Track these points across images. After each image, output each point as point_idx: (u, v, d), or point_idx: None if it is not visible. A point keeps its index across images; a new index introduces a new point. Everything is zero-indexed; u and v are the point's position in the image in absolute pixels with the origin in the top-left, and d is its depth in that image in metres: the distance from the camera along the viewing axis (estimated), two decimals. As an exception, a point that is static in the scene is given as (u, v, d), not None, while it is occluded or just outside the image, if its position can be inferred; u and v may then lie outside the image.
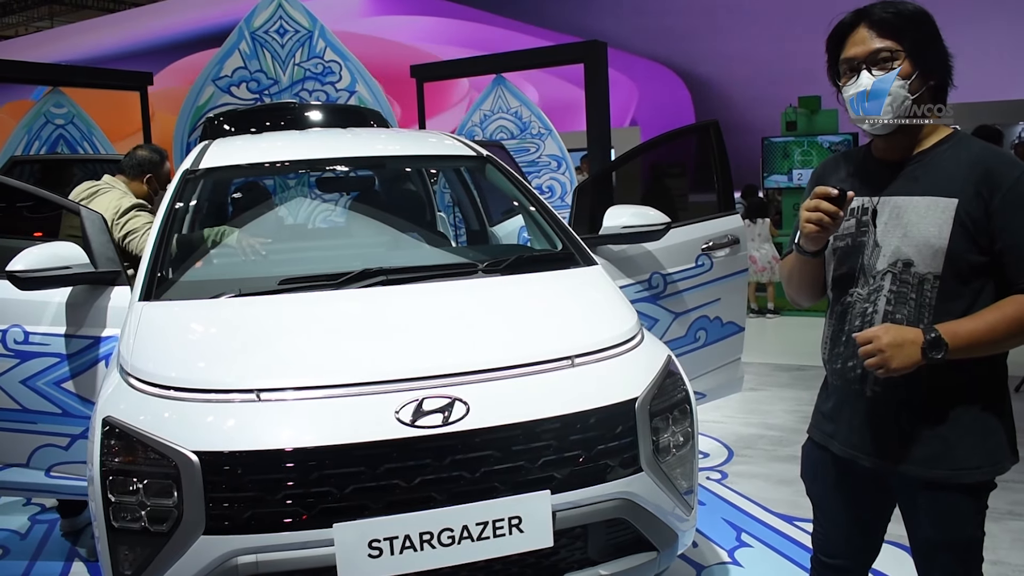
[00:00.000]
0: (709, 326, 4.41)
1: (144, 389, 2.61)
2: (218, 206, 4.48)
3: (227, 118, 5.96)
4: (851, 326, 2.18)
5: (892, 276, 2.11)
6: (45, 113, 7.90)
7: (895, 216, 2.11)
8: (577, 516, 2.59)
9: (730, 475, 4.88)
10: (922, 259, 2.06)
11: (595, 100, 7.64)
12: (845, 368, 2.21)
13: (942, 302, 2.05)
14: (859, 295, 2.18)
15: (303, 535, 2.38)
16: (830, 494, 2.37)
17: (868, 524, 2.36)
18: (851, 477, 2.29)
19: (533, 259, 3.54)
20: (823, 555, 2.45)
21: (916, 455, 2.12)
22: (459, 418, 2.49)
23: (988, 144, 2.12)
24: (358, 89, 7.82)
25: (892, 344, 1.98)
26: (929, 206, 2.05)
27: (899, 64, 2.06)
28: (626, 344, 2.92)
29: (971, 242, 2.01)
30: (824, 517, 2.42)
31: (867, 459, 2.21)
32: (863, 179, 2.21)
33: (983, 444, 2.09)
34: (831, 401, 2.32)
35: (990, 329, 1.99)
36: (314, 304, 3.02)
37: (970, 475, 2.09)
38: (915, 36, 2.06)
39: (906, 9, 2.08)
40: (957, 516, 2.12)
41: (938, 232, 2.03)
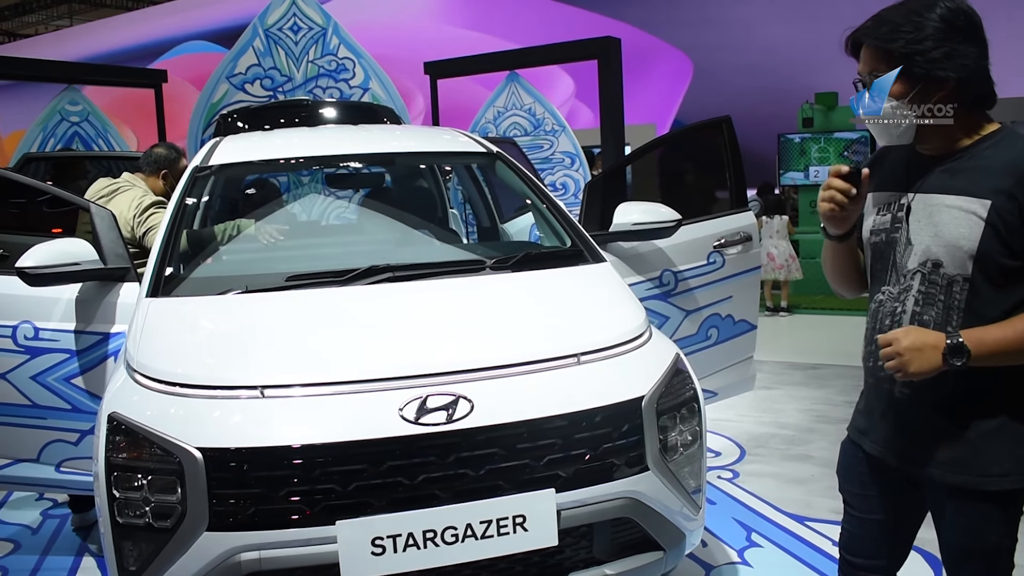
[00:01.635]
0: (721, 324, 4.38)
1: (149, 385, 2.61)
2: (228, 203, 4.48)
3: (240, 115, 5.95)
4: (881, 325, 2.13)
5: (921, 276, 2.05)
6: (60, 110, 7.95)
7: (927, 214, 2.05)
8: (582, 515, 2.57)
9: (742, 474, 4.85)
10: (952, 260, 1.99)
11: (609, 96, 7.62)
12: (876, 367, 2.16)
13: (973, 306, 1.98)
14: (890, 294, 2.13)
15: (306, 532, 2.38)
16: (860, 492, 2.32)
17: (896, 527, 2.30)
18: (882, 477, 2.25)
19: (541, 256, 3.52)
20: (848, 554, 2.38)
21: (942, 458, 2.07)
22: (463, 416, 2.48)
23: None
24: (372, 86, 7.82)
25: (911, 348, 1.93)
26: (961, 206, 1.98)
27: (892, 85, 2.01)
28: (634, 342, 2.90)
29: (1004, 245, 1.93)
30: (852, 515, 2.36)
31: (895, 459, 2.17)
32: (902, 174, 2.14)
33: (1013, 451, 2.01)
34: (865, 399, 2.29)
35: (1018, 338, 1.93)
36: (320, 301, 3.01)
37: (997, 482, 2.02)
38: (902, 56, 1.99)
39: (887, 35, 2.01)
40: (984, 523, 2.05)
41: (968, 233, 1.96)
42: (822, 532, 3.97)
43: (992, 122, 2.07)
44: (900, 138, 2.06)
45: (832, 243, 2.25)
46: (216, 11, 22.25)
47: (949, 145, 2.05)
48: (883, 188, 2.18)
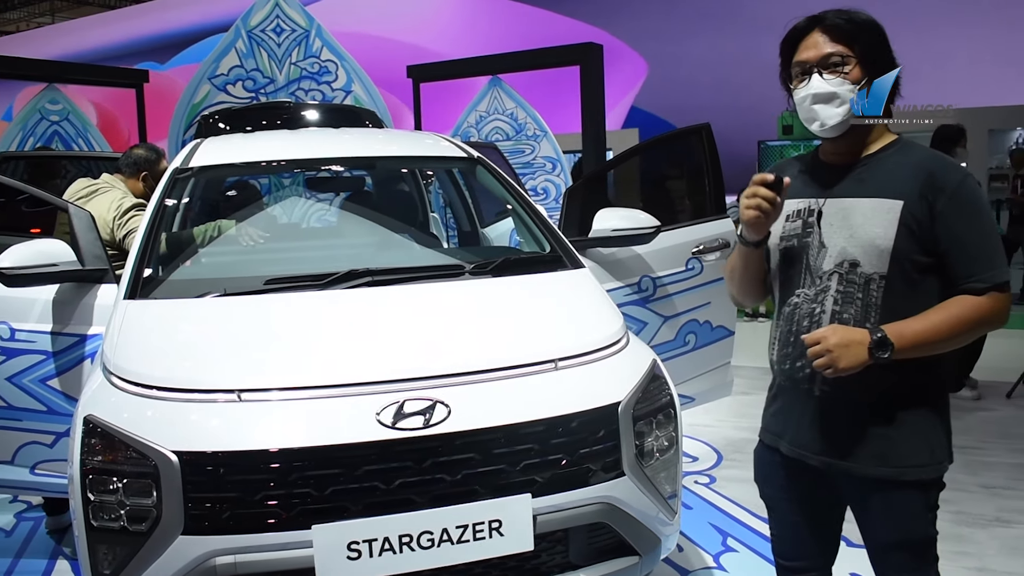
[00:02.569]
0: (699, 330, 4.41)
1: (126, 388, 2.61)
2: (208, 205, 4.47)
3: (222, 116, 5.94)
4: (799, 327, 2.21)
5: (839, 276, 2.15)
6: (40, 109, 7.90)
7: (841, 217, 2.16)
8: (558, 520, 2.59)
9: (718, 479, 4.87)
10: (868, 259, 2.11)
11: (590, 102, 7.64)
12: (794, 368, 2.24)
13: (888, 302, 2.10)
14: (806, 296, 2.22)
15: (282, 536, 2.38)
16: (782, 496, 2.40)
17: (821, 525, 2.39)
18: (801, 477, 2.32)
19: (520, 261, 3.54)
20: (781, 558, 2.47)
21: (863, 453, 2.16)
22: (440, 420, 2.49)
23: (932, 150, 2.21)
24: (354, 89, 7.83)
25: (840, 345, 2.03)
26: (875, 208, 2.11)
27: (850, 69, 2.11)
28: (611, 348, 2.92)
29: (916, 243, 2.07)
30: (778, 520, 2.45)
31: (815, 458, 2.24)
32: (810, 181, 2.26)
33: (926, 443, 2.14)
34: (779, 402, 2.35)
35: (935, 329, 2.05)
36: (299, 304, 3.02)
37: (915, 472, 2.14)
38: (866, 43, 2.13)
39: (858, 17, 2.14)
40: (907, 514, 2.16)
41: (884, 233, 2.08)
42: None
43: (890, 132, 2.22)
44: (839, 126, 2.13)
45: (746, 250, 2.32)
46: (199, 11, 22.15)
47: (857, 152, 2.19)
48: (789, 196, 2.26)
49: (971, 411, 6.17)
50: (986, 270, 2.06)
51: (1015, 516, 4.25)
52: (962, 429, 5.75)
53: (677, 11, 19.57)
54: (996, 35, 15.91)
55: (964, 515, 4.22)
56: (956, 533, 4.03)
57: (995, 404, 6.30)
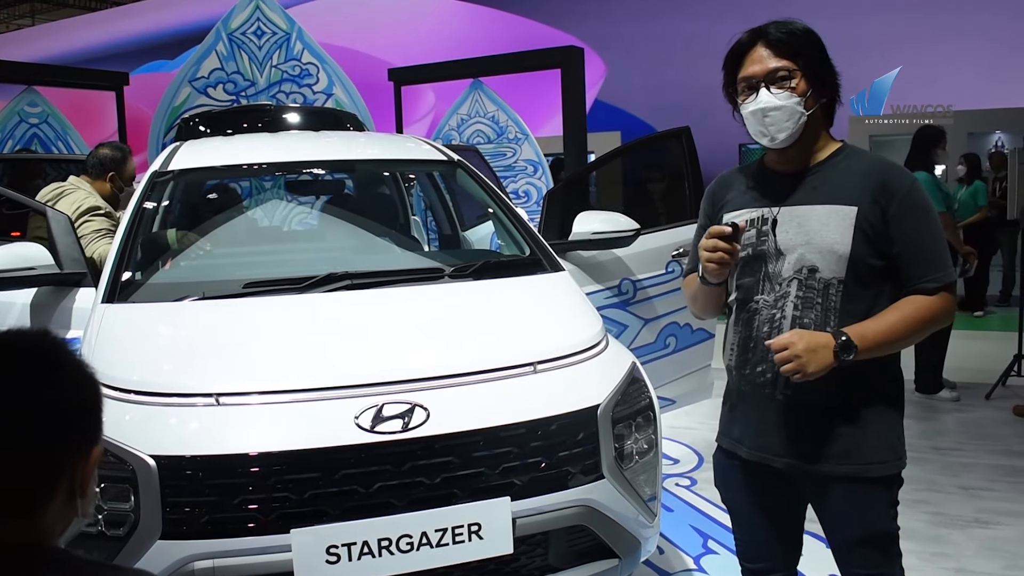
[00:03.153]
0: (679, 332, 4.43)
1: (104, 392, 2.58)
2: (187, 208, 4.45)
3: (202, 119, 5.92)
4: (759, 332, 2.24)
5: (798, 282, 2.19)
6: (19, 112, 7.83)
7: (797, 225, 2.20)
8: (538, 523, 2.59)
9: (699, 481, 4.89)
10: (827, 265, 2.15)
11: (572, 105, 7.66)
12: (755, 373, 2.26)
13: (846, 305, 2.15)
14: (765, 302, 2.25)
15: (260, 540, 2.37)
16: (743, 499, 2.42)
17: (783, 526, 2.41)
18: (761, 481, 2.34)
19: (500, 264, 3.55)
20: (746, 561, 2.50)
21: (827, 453, 2.20)
22: (419, 424, 2.49)
23: (879, 155, 2.28)
24: (335, 92, 7.80)
25: (807, 350, 2.06)
26: (830, 214, 2.16)
27: (795, 82, 2.15)
28: (590, 351, 2.93)
29: (871, 247, 2.13)
30: (741, 523, 2.48)
31: (778, 460, 2.26)
32: (761, 191, 2.30)
33: (887, 440, 2.20)
34: (738, 407, 2.38)
35: (892, 329, 2.11)
36: (277, 308, 3.01)
37: (879, 469, 2.19)
38: (809, 56, 2.17)
39: (798, 28, 2.19)
40: (870, 509, 2.21)
41: (841, 238, 2.13)
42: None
43: (835, 140, 2.28)
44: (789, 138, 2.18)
45: (708, 288, 2.35)
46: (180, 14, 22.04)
47: (806, 160, 2.24)
48: (743, 206, 2.31)
49: (949, 412, 6.22)
50: (937, 271, 2.13)
51: (993, 517, 4.29)
52: (940, 430, 5.79)
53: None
54: (977, 40, 16.05)
55: (942, 516, 4.25)
56: (934, 534, 4.06)
57: (974, 406, 6.35)
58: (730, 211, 2.33)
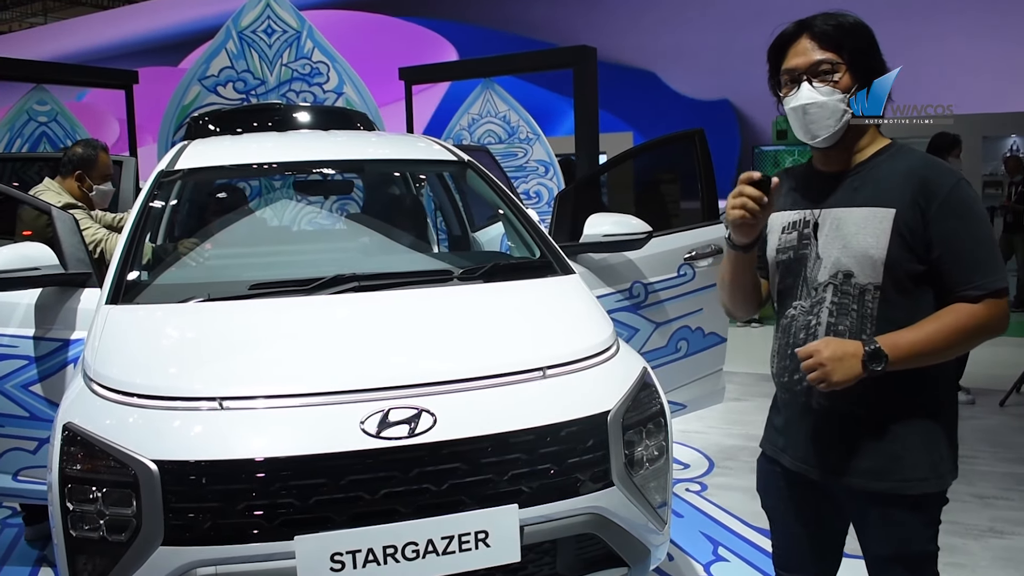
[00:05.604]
0: (691, 336, 4.37)
1: (106, 395, 2.56)
2: (194, 208, 4.42)
3: (212, 118, 5.90)
4: (795, 339, 2.17)
5: (833, 288, 2.11)
6: (28, 110, 7.82)
7: (835, 228, 2.11)
8: (546, 531, 2.54)
9: (710, 487, 4.83)
10: (862, 270, 2.06)
11: (584, 106, 7.61)
12: (791, 381, 2.20)
13: (884, 312, 2.05)
14: (802, 308, 2.18)
15: (264, 547, 2.33)
16: (783, 508, 2.36)
17: (822, 538, 2.34)
18: (802, 491, 2.28)
19: (509, 267, 3.50)
20: (782, 570, 2.44)
21: (863, 468, 2.11)
22: (426, 429, 2.44)
23: (925, 154, 2.14)
24: (346, 91, 7.78)
25: (832, 358, 1.98)
26: (867, 217, 2.06)
27: (839, 76, 2.06)
28: (600, 355, 2.88)
29: (909, 251, 2.02)
30: (779, 532, 2.41)
31: (815, 472, 2.20)
32: (805, 192, 2.22)
33: (927, 456, 2.08)
34: (781, 415, 2.31)
35: (929, 339, 1.99)
36: (284, 310, 2.97)
37: (916, 487, 2.08)
38: (855, 49, 2.07)
39: (847, 21, 2.09)
40: (907, 530, 2.11)
41: (876, 242, 2.04)
42: (789, 547, 3.95)
43: (883, 137, 2.16)
44: (831, 138, 2.10)
45: (735, 255, 2.25)
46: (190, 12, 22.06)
47: (850, 159, 2.14)
48: (785, 208, 2.23)
49: (964, 419, 6.10)
50: (981, 276, 1.99)
51: (1008, 527, 4.22)
52: (955, 437, 5.71)
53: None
54: (991, 43, 15.93)
55: (957, 525, 4.19)
56: (949, 544, 4.00)
57: (988, 413, 6.27)
58: (775, 211, 2.23)
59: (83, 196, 4.77)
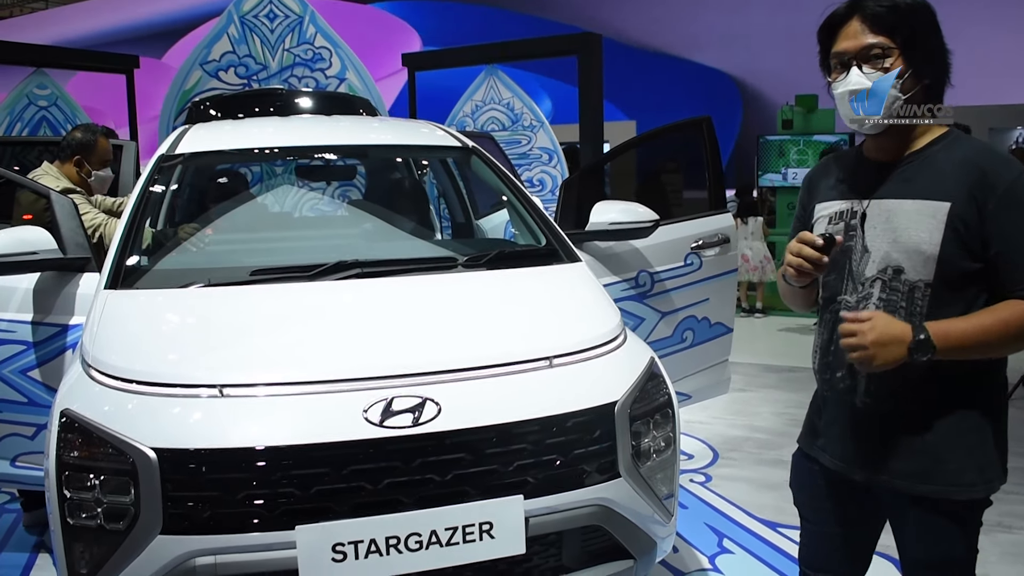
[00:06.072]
0: (697, 326, 4.33)
1: (104, 382, 2.51)
2: (195, 192, 4.37)
3: (213, 103, 5.86)
4: (839, 335, 2.06)
5: (882, 283, 2.01)
6: (28, 94, 7.75)
7: (885, 220, 2.01)
8: (551, 522, 2.50)
9: (714, 478, 4.79)
10: (912, 266, 1.96)
11: (588, 93, 7.55)
12: (835, 379, 2.12)
13: (933, 311, 1.95)
14: (847, 303, 2.08)
15: (264, 537, 2.29)
16: (817, 506, 2.27)
17: (856, 538, 2.26)
18: (839, 490, 2.20)
19: (515, 254, 3.45)
20: (809, 568, 2.34)
21: (906, 469, 2.03)
22: (430, 419, 2.40)
23: (984, 143, 2.03)
24: (348, 76, 7.72)
25: (877, 343, 1.89)
26: (920, 210, 1.95)
27: (891, 62, 1.96)
28: (607, 345, 2.83)
29: (963, 248, 1.91)
30: (810, 530, 2.32)
31: (857, 472, 2.12)
32: (853, 181, 2.12)
33: (974, 460, 1.99)
34: (821, 412, 2.23)
35: (983, 332, 1.89)
36: (285, 296, 2.92)
37: (961, 492, 1.99)
38: (910, 32, 1.96)
39: (902, 2, 1.97)
40: (948, 534, 2.03)
41: (929, 237, 1.93)
42: (794, 539, 3.86)
43: (939, 126, 2.04)
44: (876, 127, 2.01)
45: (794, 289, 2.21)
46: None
47: (903, 148, 2.03)
48: (833, 197, 2.14)
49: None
50: None
51: (1017, 521, 4.19)
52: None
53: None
54: (998, 34, 15.85)
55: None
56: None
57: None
58: (822, 201, 2.17)
59: (81, 181, 4.72)
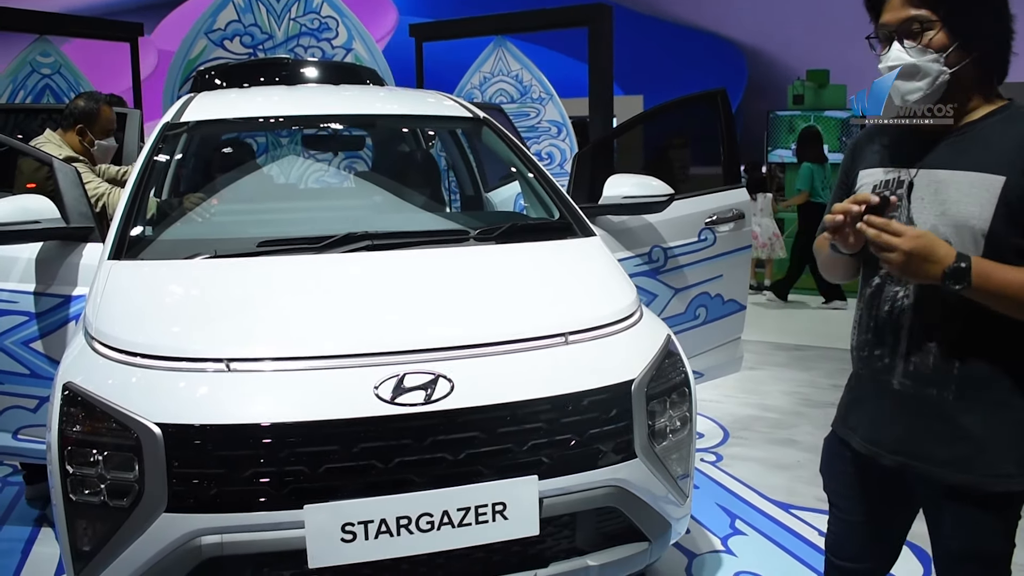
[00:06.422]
0: (710, 303, 4.26)
1: (108, 355, 2.45)
2: (200, 162, 4.28)
3: (218, 72, 5.77)
4: (879, 312, 1.98)
5: None
6: (31, 62, 7.63)
7: (933, 191, 1.89)
8: (565, 503, 2.45)
9: (725, 457, 4.73)
10: (960, 241, 1.83)
11: (598, 65, 7.44)
12: (872, 357, 2.01)
13: None
14: (890, 277, 1.97)
15: (271, 516, 2.23)
16: (847, 492, 2.18)
17: (885, 528, 2.17)
18: (870, 477, 2.10)
19: (528, 228, 3.37)
20: (834, 556, 2.24)
21: (943, 457, 1.92)
22: (443, 396, 2.33)
23: None
24: (355, 47, 7.62)
25: (914, 253, 1.76)
26: (973, 183, 1.83)
27: (932, 35, 1.84)
28: (624, 321, 2.76)
29: (1014, 224, 1.80)
30: (839, 518, 2.22)
31: (888, 457, 2.01)
32: (901, 149, 2.00)
33: (1016, 450, 1.88)
34: (855, 391, 2.13)
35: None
36: (293, 269, 2.85)
37: (1001, 483, 1.89)
38: (955, 4, 1.84)
39: None
40: (985, 526, 1.93)
41: (980, 212, 1.81)
42: (807, 521, 3.86)
43: (1000, 96, 1.93)
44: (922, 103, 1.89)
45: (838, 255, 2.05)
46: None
47: (958, 119, 1.91)
48: (879, 164, 2.02)
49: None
50: None
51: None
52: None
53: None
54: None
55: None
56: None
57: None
58: (866, 167, 2.05)
59: (84, 151, 4.64)
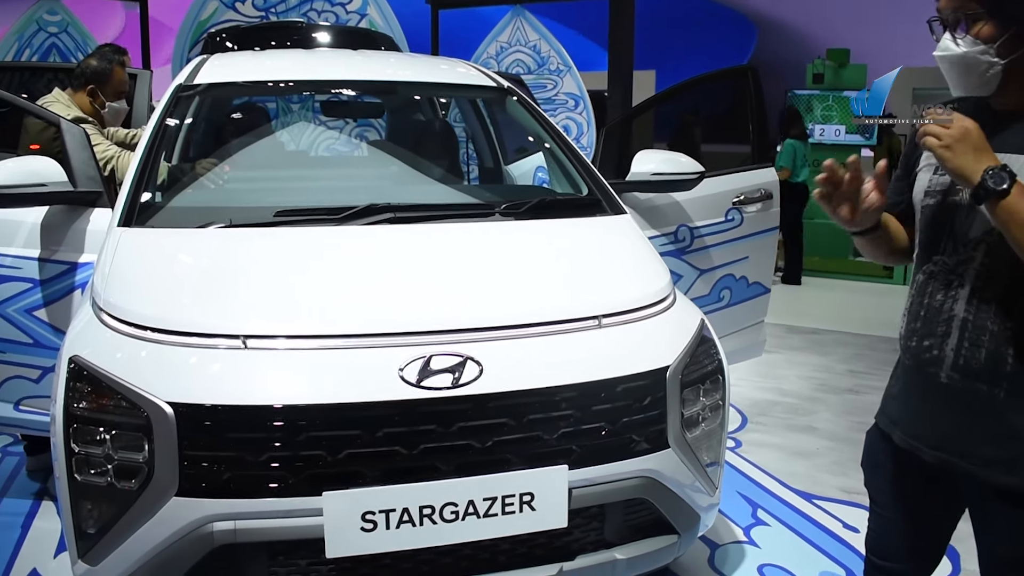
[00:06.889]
0: (735, 285, 4.13)
1: (117, 327, 2.32)
2: (213, 126, 4.14)
3: (230, 35, 5.65)
4: (932, 300, 1.86)
5: (987, 247, 1.76)
6: (38, 20, 7.48)
7: None
8: (595, 495, 2.34)
9: (744, 443, 4.62)
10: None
11: (619, 39, 7.26)
12: (920, 347, 1.89)
13: None
14: (944, 264, 1.84)
15: (288, 502, 2.12)
16: (888, 489, 2.06)
17: (928, 526, 2.06)
18: (912, 473, 1.98)
19: (556, 203, 3.23)
20: (875, 556, 2.13)
21: (989, 455, 1.80)
22: (471, 380, 2.21)
23: None
24: (369, 12, 7.44)
25: (962, 140, 1.66)
26: None
27: (980, 27, 1.72)
28: (658, 305, 2.64)
29: None
30: (880, 515, 2.11)
31: (929, 452, 1.89)
32: None
33: None
34: (900, 383, 2.00)
35: None
36: (313, 241, 2.72)
37: None
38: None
39: None
40: None
41: None
42: (831, 512, 3.75)
43: None
44: (980, 88, 1.78)
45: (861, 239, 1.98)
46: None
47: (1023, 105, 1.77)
48: None
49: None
50: None
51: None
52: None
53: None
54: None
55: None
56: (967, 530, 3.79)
57: None
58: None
59: (94, 112, 4.49)
